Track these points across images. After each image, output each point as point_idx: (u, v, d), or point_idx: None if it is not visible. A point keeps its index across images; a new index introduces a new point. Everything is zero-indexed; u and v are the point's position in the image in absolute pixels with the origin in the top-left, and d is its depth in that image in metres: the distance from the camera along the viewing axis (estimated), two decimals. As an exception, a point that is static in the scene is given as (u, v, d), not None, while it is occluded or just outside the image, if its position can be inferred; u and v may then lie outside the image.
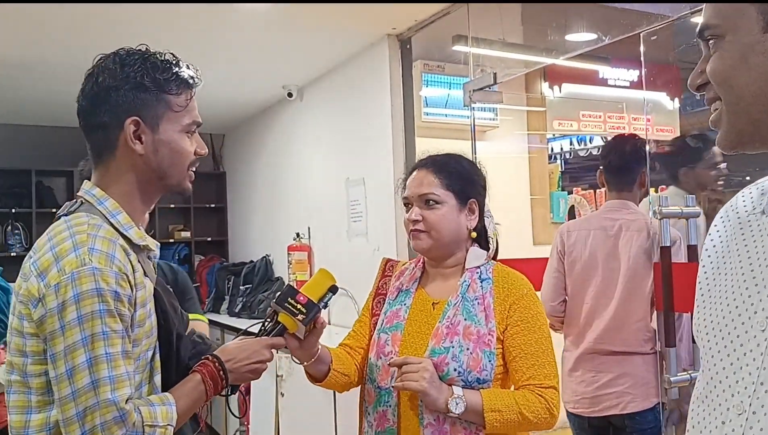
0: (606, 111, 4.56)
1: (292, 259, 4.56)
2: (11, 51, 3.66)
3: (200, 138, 1.22)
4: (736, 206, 0.82)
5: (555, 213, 4.46)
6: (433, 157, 1.54)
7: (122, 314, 1.04)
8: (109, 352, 1.01)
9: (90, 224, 1.07)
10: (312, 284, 1.33)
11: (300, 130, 4.70)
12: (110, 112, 1.11)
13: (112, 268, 1.03)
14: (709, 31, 0.76)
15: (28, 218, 5.40)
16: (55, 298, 1.00)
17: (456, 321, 1.40)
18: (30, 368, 1.04)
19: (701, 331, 0.79)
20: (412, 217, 1.47)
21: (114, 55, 1.15)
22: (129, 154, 1.13)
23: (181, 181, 1.18)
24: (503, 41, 3.46)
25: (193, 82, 1.18)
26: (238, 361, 1.22)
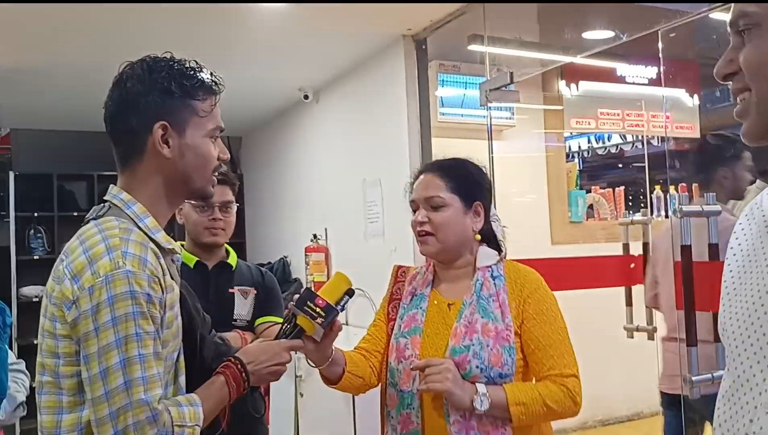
0: (624, 108, 4.52)
1: (310, 260, 4.58)
2: (33, 57, 3.72)
3: (222, 143, 1.24)
4: (761, 204, 0.81)
5: (573, 212, 4.42)
6: (438, 161, 1.60)
7: (154, 316, 1.06)
8: (143, 353, 1.03)
9: (121, 228, 1.09)
10: (329, 287, 1.34)
11: (316, 132, 4.72)
12: (139, 117, 1.14)
13: (145, 271, 1.05)
14: (745, 20, 0.74)
15: (50, 222, 5.48)
16: (90, 300, 1.02)
17: (473, 319, 1.44)
18: (62, 369, 1.06)
19: (727, 329, 0.79)
20: (418, 218, 1.51)
21: (141, 62, 1.17)
22: (156, 158, 1.15)
23: (204, 185, 1.20)
24: (519, 40, 3.45)
25: (217, 89, 1.21)
26: (259, 363, 1.24)
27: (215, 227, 1.96)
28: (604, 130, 4.87)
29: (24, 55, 3.67)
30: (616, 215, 4.55)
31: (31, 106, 4.78)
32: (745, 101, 0.75)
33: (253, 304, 2.00)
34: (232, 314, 1.97)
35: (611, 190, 4.79)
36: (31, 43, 3.49)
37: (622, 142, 5.60)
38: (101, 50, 3.50)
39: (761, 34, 0.73)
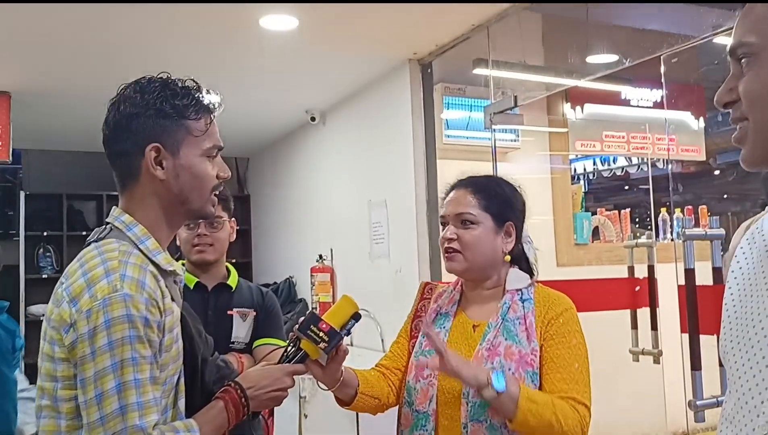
0: (629, 131, 4.53)
1: (315, 280, 4.59)
2: (44, 80, 3.79)
3: (222, 161, 1.22)
4: (762, 229, 0.82)
5: (579, 234, 4.42)
6: (473, 177, 1.54)
7: (151, 340, 1.05)
8: (138, 378, 1.02)
9: (121, 251, 1.08)
10: (335, 311, 1.32)
11: (323, 154, 4.76)
12: (131, 140, 1.13)
13: (143, 294, 1.04)
14: (744, 49, 0.75)
15: (59, 241, 5.53)
16: (87, 323, 1.01)
17: (497, 342, 1.39)
18: (60, 393, 1.05)
19: (728, 352, 0.79)
20: (447, 235, 1.46)
21: (135, 84, 1.17)
22: (151, 180, 1.14)
23: (203, 205, 1.19)
24: (524, 64, 3.48)
25: (212, 107, 1.19)
26: (259, 389, 1.22)
27: (201, 244, 1.92)
28: (609, 153, 4.89)
29: (36, 77, 3.74)
30: (622, 237, 4.55)
31: (42, 127, 4.85)
32: (743, 128, 0.77)
33: (252, 326, 1.96)
34: (229, 336, 1.94)
35: (617, 213, 4.79)
36: (43, 66, 3.56)
37: (627, 164, 5.60)
38: (112, 73, 3.55)
39: (760, 64, 0.74)
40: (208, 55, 3.42)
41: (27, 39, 3.13)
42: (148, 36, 3.13)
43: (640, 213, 5.22)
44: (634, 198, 5.87)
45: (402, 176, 3.65)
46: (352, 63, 3.65)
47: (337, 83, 4.05)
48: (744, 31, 0.76)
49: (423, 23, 3.09)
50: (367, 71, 3.80)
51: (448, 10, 2.95)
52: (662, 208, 4.31)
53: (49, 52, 3.32)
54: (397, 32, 3.20)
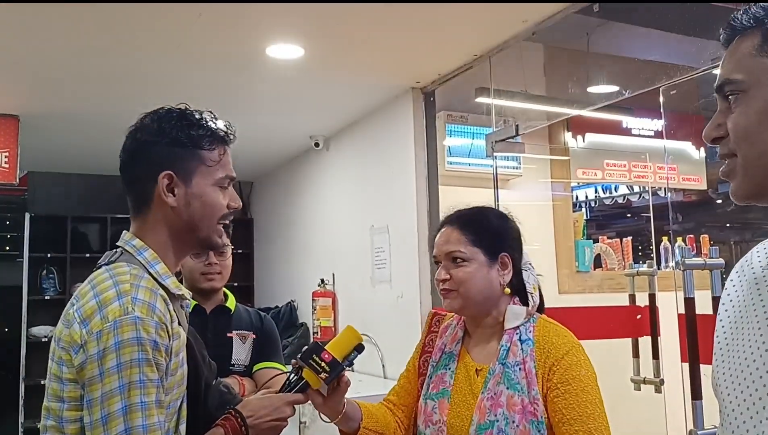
0: (630, 160, 4.57)
1: (317, 304, 4.58)
2: (51, 103, 3.85)
3: (234, 192, 1.25)
4: (751, 262, 0.83)
5: (580, 262, 4.42)
6: (459, 212, 1.51)
7: (159, 364, 1.06)
8: (144, 401, 1.03)
9: (132, 274, 1.10)
10: (338, 341, 1.32)
11: (326, 179, 4.79)
12: (146, 167, 1.17)
13: (153, 317, 1.06)
14: (732, 86, 0.77)
15: (62, 263, 5.54)
16: (97, 344, 1.03)
17: (498, 391, 1.35)
18: (66, 414, 1.05)
19: (720, 385, 0.80)
20: (439, 276, 1.45)
21: (153, 113, 1.21)
22: (163, 207, 1.17)
23: (210, 235, 1.21)
24: (525, 93, 3.53)
25: (227, 138, 1.23)
26: (259, 417, 1.23)
27: (211, 272, 1.94)
28: (611, 181, 4.91)
29: (45, 101, 3.80)
30: (624, 265, 4.55)
31: (49, 149, 4.90)
32: (731, 164, 0.78)
33: (251, 349, 1.97)
34: (230, 359, 1.95)
35: (618, 241, 4.80)
36: (51, 90, 3.62)
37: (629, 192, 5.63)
38: (118, 98, 3.62)
39: (747, 101, 0.76)
40: (215, 82, 3.47)
41: (35, 63, 3.19)
42: (156, 62, 3.19)
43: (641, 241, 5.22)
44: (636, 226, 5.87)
45: (404, 202, 3.68)
46: (356, 91, 3.70)
47: (341, 110, 4.10)
48: (730, 69, 0.78)
49: (426, 53, 3.15)
50: (371, 99, 3.85)
51: (451, 41, 3.01)
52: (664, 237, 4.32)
53: (58, 76, 3.38)
54: (400, 61, 3.25)
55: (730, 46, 0.80)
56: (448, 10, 2.65)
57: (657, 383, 2.72)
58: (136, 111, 1.25)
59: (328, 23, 2.77)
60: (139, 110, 1.24)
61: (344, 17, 2.71)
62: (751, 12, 0.77)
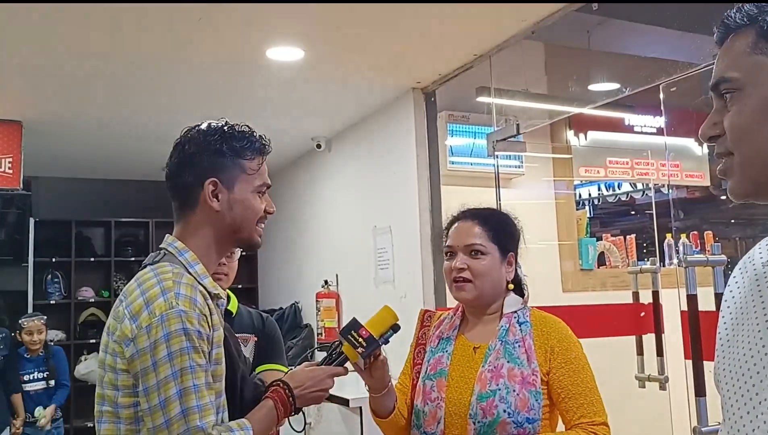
0: (633, 157, 4.56)
1: (321, 306, 4.59)
2: (55, 109, 3.87)
3: (269, 198, 1.36)
4: (753, 258, 0.83)
5: (584, 260, 4.42)
6: (475, 209, 1.61)
7: (204, 351, 1.15)
8: (196, 384, 1.12)
9: (174, 272, 1.20)
10: (375, 320, 1.39)
11: (328, 180, 4.80)
12: (193, 174, 1.27)
13: (195, 310, 1.15)
14: (727, 85, 0.76)
15: (67, 267, 5.57)
16: (147, 338, 1.12)
17: (499, 364, 1.45)
18: (121, 400, 1.15)
19: (721, 381, 0.81)
20: (457, 265, 1.52)
21: (198, 126, 1.33)
22: (207, 211, 1.27)
23: (251, 235, 1.31)
24: (526, 92, 3.53)
25: (264, 149, 1.34)
26: (305, 388, 1.32)
27: (219, 272, 1.95)
28: (613, 179, 4.90)
29: (49, 107, 3.82)
30: (628, 263, 4.54)
31: (53, 155, 4.92)
32: (727, 162, 0.78)
33: (253, 352, 1.97)
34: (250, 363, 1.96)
35: (622, 238, 4.79)
36: (54, 95, 3.63)
37: (632, 190, 5.62)
38: (123, 104, 3.64)
39: (743, 99, 0.75)
40: (216, 85, 3.48)
41: (38, 68, 3.21)
42: (157, 66, 3.20)
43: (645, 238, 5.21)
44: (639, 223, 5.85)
45: (406, 202, 3.68)
46: (357, 92, 3.71)
47: (343, 111, 4.11)
48: (725, 67, 0.77)
49: (426, 53, 3.16)
50: (372, 100, 3.86)
51: (451, 41, 3.02)
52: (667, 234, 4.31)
53: (60, 81, 3.40)
54: (400, 62, 3.26)
55: (724, 44, 0.80)
56: (447, 10, 2.65)
57: (661, 380, 2.71)
58: (138, 116, 1.30)
59: (328, 25, 2.78)
60: (142, 115, 1.28)
61: (344, 18, 2.71)
62: (745, 10, 0.77)
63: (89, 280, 5.63)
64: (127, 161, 5.13)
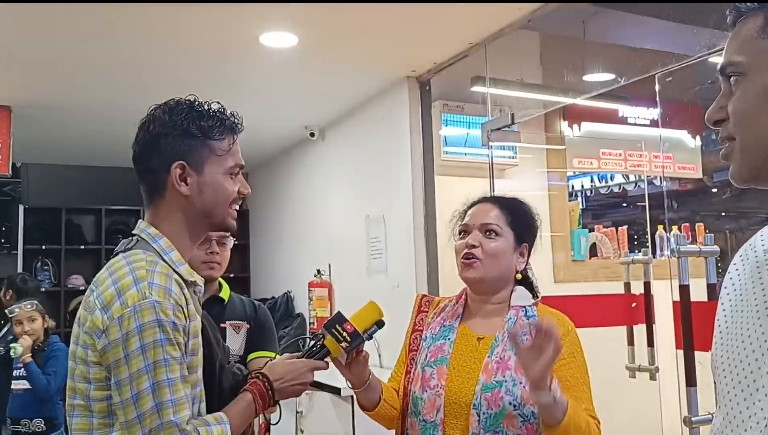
0: (626, 149, 4.57)
1: (313, 295, 4.59)
2: (45, 94, 3.82)
3: (244, 179, 1.30)
4: (754, 246, 0.83)
5: (576, 251, 4.43)
6: (498, 196, 1.65)
7: (179, 343, 1.12)
8: (170, 377, 1.09)
9: (147, 261, 1.15)
10: (360, 315, 1.38)
11: (321, 169, 4.78)
12: (159, 158, 1.21)
13: (170, 300, 1.11)
14: (732, 68, 0.77)
15: (57, 255, 5.53)
16: (119, 329, 1.08)
17: (506, 356, 1.43)
18: (93, 393, 1.11)
19: (718, 368, 0.81)
20: (470, 241, 1.51)
21: (164, 105, 1.25)
22: (176, 196, 1.21)
23: (224, 219, 1.26)
24: (521, 81, 3.52)
25: (236, 128, 1.28)
26: (285, 381, 1.29)
27: (212, 261, 1.96)
28: (606, 170, 4.91)
29: (38, 92, 3.77)
30: (619, 254, 4.56)
31: (42, 141, 4.87)
32: (730, 145, 0.78)
33: (245, 339, 1.98)
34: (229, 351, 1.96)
35: (614, 229, 4.80)
36: (45, 81, 3.59)
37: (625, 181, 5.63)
38: (113, 89, 3.59)
39: (747, 83, 0.75)
40: (208, 71, 3.45)
41: (27, 53, 3.17)
42: (148, 51, 3.17)
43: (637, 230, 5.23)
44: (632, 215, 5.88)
45: (400, 192, 3.67)
46: (351, 80, 3.68)
47: (336, 100, 4.08)
48: (733, 51, 0.78)
49: (421, 41, 3.13)
50: (366, 88, 3.83)
51: (446, 29, 3.00)
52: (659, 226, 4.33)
53: (50, 66, 3.35)
54: (395, 50, 3.24)
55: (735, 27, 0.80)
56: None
57: (652, 371, 2.73)
58: (128, 102, 1.27)
59: (322, 11, 2.75)
60: (132, 101, 1.25)
61: (338, 5, 2.68)
62: None
63: (79, 268, 5.59)
64: (118, 148, 5.04)
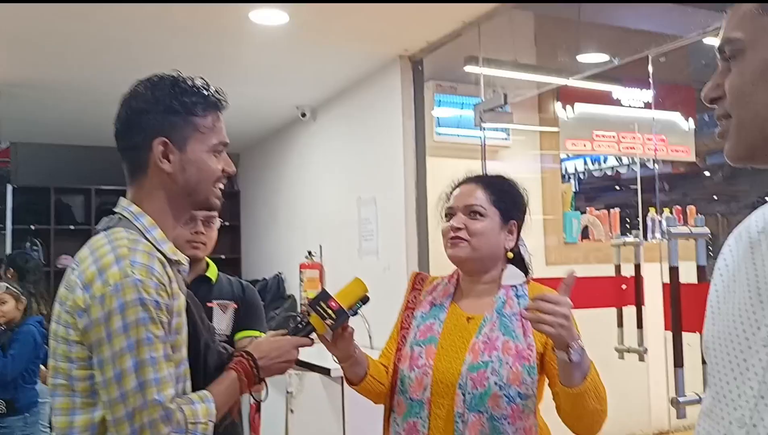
0: (619, 131, 4.55)
1: (304, 277, 4.58)
2: (35, 73, 3.76)
3: (228, 157, 1.27)
4: (748, 226, 0.83)
5: (568, 233, 4.43)
6: (482, 175, 1.62)
7: (163, 321, 1.10)
8: (153, 356, 1.07)
9: (129, 239, 1.13)
10: (345, 291, 1.37)
11: (313, 150, 4.75)
12: (141, 134, 1.19)
13: (152, 279, 1.09)
14: (730, 46, 0.76)
15: (46, 235, 5.50)
16: (101, 308, 1.07)
17: (494, 336, 1.43)
18: (75, 373, 1.10)
19: (709, 347, 0.81)
20: (454, 224, 1.50)
21: (146, 80, 1.22)
22: (158, 173, 1.19)
23: (208, 197, 1.24)
24: (515, 62, 3.49)
25: (220, 105, 1.25)
26: (269, 359, 1.28)
27: (197, 241, 1.92)
28: (599, 152, 4.90)
29: (26, 70, 3.71)
30: (611, 237, 4.57)
31: (32, 120, 4.82)
32: (726, 123, 0.77)
33: (233, 319, 1.96)
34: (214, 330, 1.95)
35: (606, 212, 4.81)
36: (34, 58, 3.53)
37: (617, 164, 5.63)
38: (103, 67, 3.54)
39: (744, 61, 0.74)
40: (197, 49, 3.40)
41: (16, 31, 3.11)
42: (137, 29, 3.11)
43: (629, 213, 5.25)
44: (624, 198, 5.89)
45: (392, 173, 3.65)
46: (342, 59, 3.64)
47: (328, 79, 4.04)
48: (731, 28, 0.77)
49: (414, 20, 3.09)
50: (358, 67, 3.79)
51: (439, 7, 2.96)
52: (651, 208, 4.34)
53: (38, 44, 3.30)
54: (387, 28, 3.19)
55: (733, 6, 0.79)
56: (435, -25, 2.59)
57: (640, 352, 2.75)
58: (118, 80, 1.24)
59: (313, -12, 2.71)
60: (122, 79, 1.23)
61: (329, -18, 2.64)
62: None
63: (69, 248, 5.55)
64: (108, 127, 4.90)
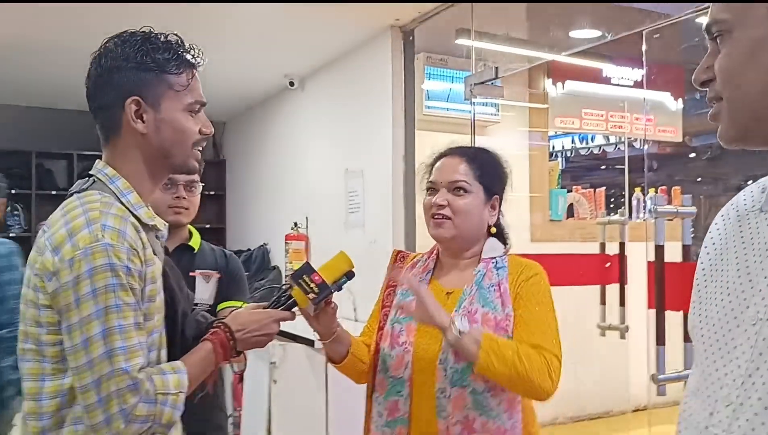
0: (608, 110, 4.55)
1: (290, 248, 4.56)
2: (15, 33, 3.65)
3: (206, 117, 1.22)
4: (736, 204, 0.83)
5: (553, 211, 4.45)
6: (464, 147, 1.56)
7: (134, 288, 1.07)
8: (122, 324, 1.05)
9: (102, 202, 1.10)
10: (329, 266, 1.33)
11: (301, 120, 4.69)
12: (112, 93, 1.14)
13: (124, 244, 1.06)
14: (717, 26, 0.75)
15: (27, 200, 5.41)
16: (70, 272, 1.03)
17: (473, 309, 1.41)
18: (45, 338, 1.07)
19: (696, 326, 0.80)
20: (437, 201, 1.46)
21: (117, 37, 1.17)
22: (133, 134, 1.15)
23: (186, 160, 1.20)
24: (507, 36, 3.45)
25: (195, 62, 1.20)
26: (248, 332, 1.24)
27: (179, 206, 1.88)
28: (588, 131, 4.91)
29: (3, 30, 3.60)
30: (596, 215, 4.60)
31: (11, 81, 4.70)
32: (718, 106, 0.77)
33: (216, 288, 1.94)
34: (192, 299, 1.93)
35: (592, 191, 4.83)
36: (11, 18, 3.42)
37: (605, 143, 5.64)
38: (83, 28, 3.44)
39: (732, 41, 0.74)
40: (183, 13, 3.31)
41: (-7, -13, 3.00)
42: (122, -10, 3.02)
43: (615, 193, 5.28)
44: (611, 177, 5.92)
45: (380, 146, 3.62)
46: (333, 27, 3.57)
47: (318, 48, 3.97)
48: (718, 9, 0.76)
49: (406, -11, 3.03)
50: (349, 37, 3.73)
51: (432, -23, 2.90)
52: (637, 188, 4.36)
53: (19, 5, 3.19)
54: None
55: None
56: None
57: (622, 329, 2.79)
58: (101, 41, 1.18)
59: (304, -47, 2.64)
60: (104, 41, 1.17)
61: (321, -53, 2.57)
62: None
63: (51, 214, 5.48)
64: (91, 92, 4.93)
